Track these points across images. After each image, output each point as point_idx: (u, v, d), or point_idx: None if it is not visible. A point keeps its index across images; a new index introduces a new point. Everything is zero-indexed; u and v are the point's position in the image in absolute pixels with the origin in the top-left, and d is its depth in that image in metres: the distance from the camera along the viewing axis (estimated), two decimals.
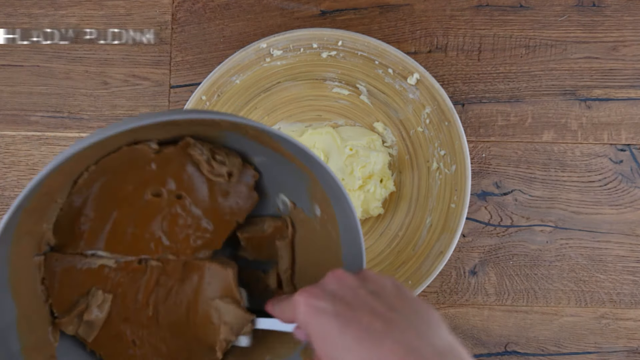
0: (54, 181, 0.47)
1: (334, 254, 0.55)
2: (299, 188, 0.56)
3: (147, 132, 0.51)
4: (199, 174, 0.55)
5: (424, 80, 0.72)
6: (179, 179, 0.55)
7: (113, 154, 0.52)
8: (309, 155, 0.49)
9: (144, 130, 0.50)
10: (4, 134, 0.79)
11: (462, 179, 0.72)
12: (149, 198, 0.55)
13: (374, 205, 0.76)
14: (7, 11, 0.79)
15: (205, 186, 0.56)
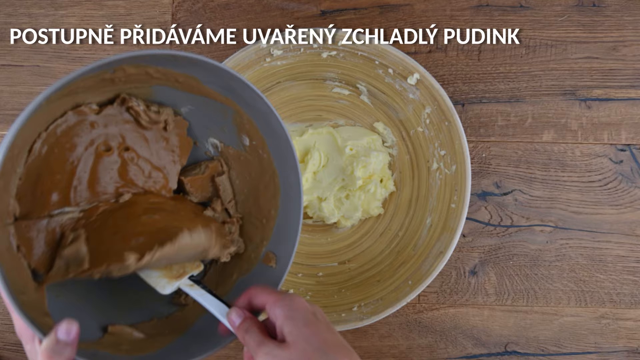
0: (12, 152, 0.51)
1: (271, 177, 0.63)
2: (226, 126, 0.64)
3: (85, 95, 0.57)
4: (139, 127, 0.62)
5: (424, 80, 0.72)
6: (123, 133, 0.61)
7: (59, 119, 0.57)
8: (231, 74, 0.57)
9: (83, 93, 0.56)
10: (3, 134, 0.79)
11: (462, 179, 0.72)
12: (101, 153, 0.60)
13: (374, 205, 0.76)
14: (7, 11, 0.79)
15: (147, 136, 0.62)
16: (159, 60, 0.55)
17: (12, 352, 0.79)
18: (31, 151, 0.56)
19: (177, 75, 0.58)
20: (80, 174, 0.59)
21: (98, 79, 0.55)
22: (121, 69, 0.55)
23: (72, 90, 0.54)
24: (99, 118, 0.59)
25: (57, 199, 0.58)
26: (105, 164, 0.60)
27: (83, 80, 0.53)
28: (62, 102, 0.55)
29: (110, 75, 0.56)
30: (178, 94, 0.61)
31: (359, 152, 0.76)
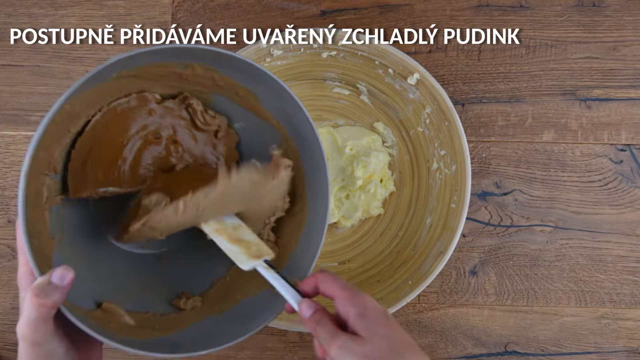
0: (75, 104, 0.55)
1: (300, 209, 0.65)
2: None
3: (152, 83, 0.60)
4: (193, 127, 0.65)
5: (424, 80, 0.72)
6: (176, 127, 0.64)
7: (122, 99, 0.60)
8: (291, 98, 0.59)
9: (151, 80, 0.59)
10: (4, 134, 0.79)
11: (462, 179, 0.72)
12: (150, 139, 0.63)
13: (374, 205, 0.76)
14: (7, 11, 0.79)
15: (197, 137, 0.65)
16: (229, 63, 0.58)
17: (12, 352, 0.79)
18: (89, 122, 0.59)
19: (239, 87, 0.61)
20: (126, 155, 0.62)
21: (168, 70, 0.58)
22: (191, 67, 0.59)
23: (140, 74, 0.57)
24: (158, 107, 0.63)
25: (102, 177, 0.61)
26: (151, 150, 0.63)
27: (152, 67, 0.57)
28: (129, 81, 0.58)
29: (180, 71, 0.59)
30: (235, 108, 0.64)
31: (359, 152, 0.76)
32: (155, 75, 0.59)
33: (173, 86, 0.62)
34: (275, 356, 0.78)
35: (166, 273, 0.66)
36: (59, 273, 0.49)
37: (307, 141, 0.62)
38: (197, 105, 0.63)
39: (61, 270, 0.50)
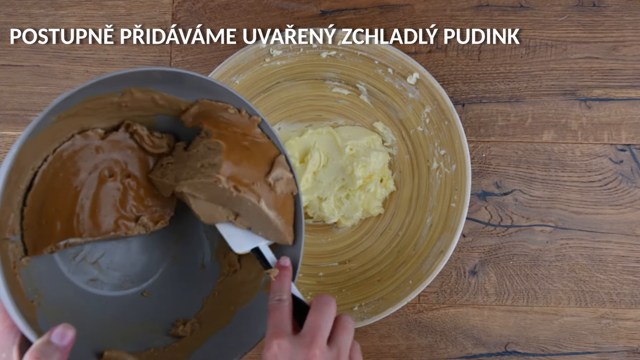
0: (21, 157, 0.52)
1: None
2: None
3: (92, 119, 0.59)
4: (143, 154, 0.64)
5: (424, 80, 0.72)
6: (126, 159, 0.63)
7: (66, 142, 0.59)
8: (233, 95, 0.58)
9: (89, 116, 0.58)
10: (4, 134, 0.79)
11: (462, 178, 0.72)
12: (104, 178, 0.62)
13: (374, 205, 0.76)
14: (7, 11, 0.80)
15: (149, 161, 0.64)
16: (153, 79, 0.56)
17: None
18: (37, 175, 0.57)
19: (181, 102, 0.60)
20: (83, 201, 0.61)
21: (105, 102, 0.57)
22: (129, 92, 0.57)
23: (78, 111, 0.56)
24: (104, 143, 0.61)
25: (61, 228, 0.60)
26: (107, 190, 0.62)
27: (89, 101, 0.55)
28: (68, 122, 0.57)
29: (118, 99, 0.57)
30: (179, 124, 0.63)
31: (359, 151, 0.76)
32: (92, 110, 0.57)
33: (113, 117, 0.61)
34: None
35: (153, 307, 0.65)
36: (59, 332, 0.47)
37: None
38: (142, 130, 0.62)
39: (61, 329, 0.47)
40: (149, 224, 0.64)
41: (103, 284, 0.65)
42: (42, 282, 0.59)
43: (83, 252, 0.64)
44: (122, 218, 0.63)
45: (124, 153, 0.63)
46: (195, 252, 0.69)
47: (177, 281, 0.67)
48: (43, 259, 0.60)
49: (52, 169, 0.58)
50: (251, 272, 0.65)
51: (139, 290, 0.66)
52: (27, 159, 0.55)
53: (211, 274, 0.67)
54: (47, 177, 0.58)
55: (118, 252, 0.66)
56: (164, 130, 0.64)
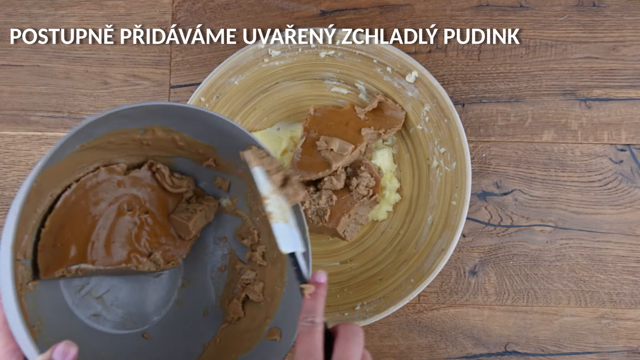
0: (43, 181, 0.54)
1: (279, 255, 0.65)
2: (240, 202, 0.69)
3: (115, 153, 0.62)
4: (162, 193, 0.66)
5: (423, 78, 0.72)
6: (146, 196, 0.66)
7: (91, 173, 0.62)
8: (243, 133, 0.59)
9: (113, 151, 0.61)
10: (4, 134, 0.79)
11: (463, 176, 0.72)
12: (122, 211, 0.64)
13: (384, 209, 0.76)
14: (7, 11, 0.80)
15: (168, 201, 0.67)
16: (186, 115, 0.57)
17: None
18: (58, 199, 0.60)
19: (199, 145, 0.63)
20: (99, 230, 0.63)
21: (128, 137, 0.59)
22: (151, 130, 0.59)
23: (102, 144, 0.58)
24: (126, 179, 0.64)
25: (75, 253, 0.61)
26: (124, 223, 0.64)
27: (113, 135, 0.57)
28: (91, 154, 0.59)
29: (140, 137, 0.60)
30: (197, 167, 0.66)
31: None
32: (116, 145, 0.60)
33: (135, 155, 0.64)
34: None
35: (153, 349, 0.66)
36: (61, 350, 0.46)
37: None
38: (164, 169, 0.65)
39: (63, 347, 0.46)
40: (160, 262, 0.65)
41: (105, 321, 0.65)
42: (44, 310, 0.59)
43: (89, 285, 0.65)
44: (135, 252, 0.64)
45: (145, 190, 0.65)
46: (200, 298, 0.69)
47: (179, 325, 0.68)
48: (49, 287, 0.61)
49: (74, 196, 0.61)
50: (255, 321, 0.65)
51: (141, 331, 0.66)
52: (48, 184, 0.57)
53: (214, 321, 0.68)
54: (69, 203, 0.60)
55: (124, 290, 0.67)
56: (183, 172, 0.67)
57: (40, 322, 0.58)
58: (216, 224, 0.70)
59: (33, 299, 0.58)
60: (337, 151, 0.71)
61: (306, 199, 0.72)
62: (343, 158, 0.71)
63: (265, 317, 0.64)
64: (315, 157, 0.73)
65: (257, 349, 0.62)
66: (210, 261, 0.70)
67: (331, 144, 0.72)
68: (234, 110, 0.75)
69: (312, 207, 0.73)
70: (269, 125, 0.78)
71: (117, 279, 0.66)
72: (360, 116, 0.74)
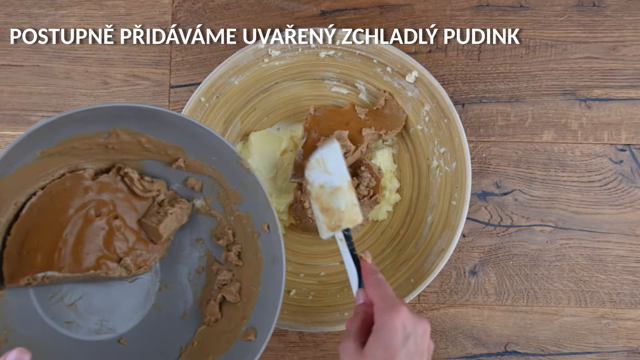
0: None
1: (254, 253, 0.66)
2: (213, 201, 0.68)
3: (81, 159, 0.61)
4: (132, 197, 0.65)
5: (423, 78, 0.72)
6: (115, 201, 0.65)
7: (57, 180, 0.61)
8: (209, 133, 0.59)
9: (78, 156, 0.60)
10: (4, 134, 0.79)
11: (463, 176, 0.72)
12: (90, 218, 0.63)
13: (384, 209, 0.76)
14: (7, 11, 0.80)
15: (137, 206, 0.66)
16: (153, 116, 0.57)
17: None
18: (23, 207, 0.59)
19: (167, 146, 0.62)
20: (67, 237, 0.62)
21: (92, 142, 0.59)
22: (115, 134, 0.58)
23: (64, 150, 0.58)
24: (94, 184, 0.63)
25: (41, 260, 0.60)
26: (92, 229, 0.63)
27: (75, 140, 0.57)
28: (55, 160, 0.58)
29: (104, 141, 0.59)
30: (167, 169, 0.65)
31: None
32: (81, 150, 0.59)
33: (101, 159, 0.63)
34: (275, 356, 0.78)
35: (129, 355, 0.65)
36: (13, 356, 0.46)
37: (244, 179, 0.63)
38: (133, 173, 0.64)
39: (16, 354, 0.46)
40: (131, 267, 0.65)
41: (79, 328, 0.65)
42: (13, 319, 0.59)
43: (61, 292, 0.64)
44: (105, 258, 0.64)
45: (114, 195, 0.64)
46: (178, 301, 0.69)
47: (156, 330, 0.67)
48: (18, 295, 0.61)
49: (39, 203, 0.60)
50: (232, 322, 0.65)
51: (116, 337, 0.66)
52: (8, 193, 0.57)
53: (192, 323, 0.67)
54: (34, 211, 0.60)
55: (97, 296, 0.66)
56: (154, 175, 0.66)
57: (7, 331, 0.58)
58: (192, 225, 0.69)
59: (0, 307, 0.58)
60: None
61: (306, 199, 0.72)
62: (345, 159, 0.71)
63: (242, 317, 0.64)
64: None
65: (233, 350, 0.63)
66: (187, 263, 0.70)
67: None
68: (234, 111, 0.75)
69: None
70: (269, 125, 0.78)
71: (91, 285, 0.66)
72: (361, 116, 0.74)
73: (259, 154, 0.76)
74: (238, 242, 0.67)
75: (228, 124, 0.75)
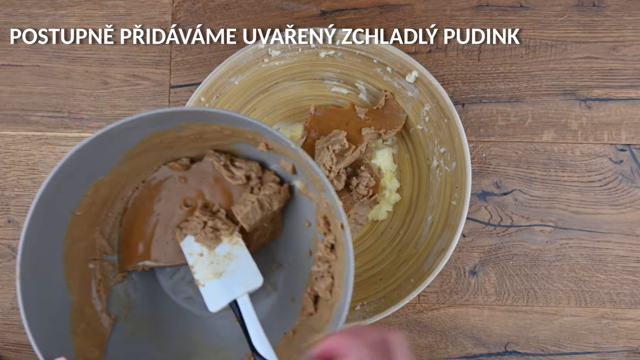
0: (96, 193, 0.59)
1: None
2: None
3: (173, 152, 0.63)
4: (226, 183, 0.65)
5: (423, 78, 0.72)
6: (208, 189, 0.65)
7: (155, 173, 0.65)
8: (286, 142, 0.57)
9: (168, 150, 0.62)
10: (4, 134, 0.79)
11: (463, 176, 0.71)
12: (186, 208, 0.65)
13: (384, 209, 0.76)
14: (7, 11, 0.80)
15: (231, 190, 0.66)
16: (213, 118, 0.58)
17: (13, 352, 0.79)
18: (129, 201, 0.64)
19: (245, 132, 0.60)
20: (161, 228, 0.65)
21: (174, 136, 0.60)
22: (188, 127, 0.59)
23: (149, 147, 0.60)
24: (189, 173, 0.65)
25: (142, 251, 0.64)
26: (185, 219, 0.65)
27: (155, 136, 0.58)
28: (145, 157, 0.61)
29: (183, 134, 0.60)
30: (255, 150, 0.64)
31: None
32: (166, 143, 0.61)
33: (193, 147, 0.63)
34: None
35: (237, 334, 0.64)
36: None
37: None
38: (219, 161, 0.64)
39: None
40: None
41: (196, 303, 0.67)
42: (137, 296, 0.65)
43: (180, 271, 0.68)
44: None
45: (207, 183, 0.65)
46: (289, 282, 0.68)
47: (267, 311, 0.67)
48: (145, 275, 0.66)
49: (140, 196, 0.64)
50: (321, 320, 0.61)
51: (230, 314, 0.66)
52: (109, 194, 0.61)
53: (295, 310, 0.65)
54: (137, 204, 0.64)
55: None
56: (249, 157, 0.66)
57: (127, 308, 0.63)
58: (300, 206, 0.67)
59: (123, 288, 0.64)
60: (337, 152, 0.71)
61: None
62: (344, 159, 0.71)
63: (327, 320, 0.60)
64: None
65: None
66: (300, 244, 0.67)
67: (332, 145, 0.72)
68: (233, 110, 0.75)
69: None
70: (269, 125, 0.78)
71: None
72: (361, 116, 0.74)
73: None
74: (332, 231, 0.62)
75: None
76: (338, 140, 0.71)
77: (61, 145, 0.79)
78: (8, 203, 0.79)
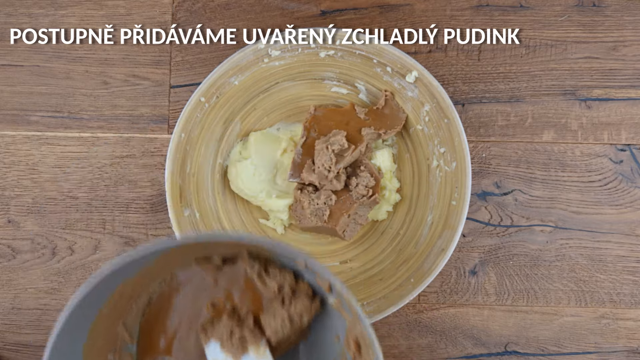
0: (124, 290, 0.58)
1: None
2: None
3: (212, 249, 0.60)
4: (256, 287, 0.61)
5: (423, 78, 0.72)
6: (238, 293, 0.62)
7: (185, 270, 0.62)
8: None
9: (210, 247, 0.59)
10: (4, 134, 0.79)
11: (463, 176, 0.71)
12: (211, 309, 0.62)
13: (384, 209, 0.76)
14: (7, 11, 0.80)
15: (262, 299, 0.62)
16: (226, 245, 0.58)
17: (12, 352, 0.79)
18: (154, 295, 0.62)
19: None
20: (184, 326, 0.62)
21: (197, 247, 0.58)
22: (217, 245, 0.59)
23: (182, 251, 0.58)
24: (220, 274, 0.62)
25: (164, 346, 0.62)
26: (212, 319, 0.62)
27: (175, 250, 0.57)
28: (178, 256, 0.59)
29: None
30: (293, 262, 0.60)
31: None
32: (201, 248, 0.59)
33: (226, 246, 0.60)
34: None
35: None
36: None
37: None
38: (252, 268, 0.60)
39: None
40: None
41: None
42: None
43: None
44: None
45: (238, 285, 0.62)
46: None
47: None
48: None
49: (167, 290, 0.62)
50: None
51: None
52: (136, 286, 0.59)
53: None
54: (163, 297, 0.62)
55: None
56: (284, 265, 0.61)
57: None
58: (331, 319, 0.62)
59: None
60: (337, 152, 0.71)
61: (305, 198, 0.72)
62: (343, 159, 0.71)
63: None
64: None
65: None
66: (328, 354, 0.64)
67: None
68: (234, 111, 0.75)
69: (311, 206, 0.73)
70: (269, 125, 0.78)
71: None
72: (361, 116, 0.74)
73: (258, 154, 0.75)
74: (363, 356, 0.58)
75: (228, 124, 0.76)
76: (337, 140, 0.71)
77: (61, 146, 0.79)
78: (8, 203, 0.79)
